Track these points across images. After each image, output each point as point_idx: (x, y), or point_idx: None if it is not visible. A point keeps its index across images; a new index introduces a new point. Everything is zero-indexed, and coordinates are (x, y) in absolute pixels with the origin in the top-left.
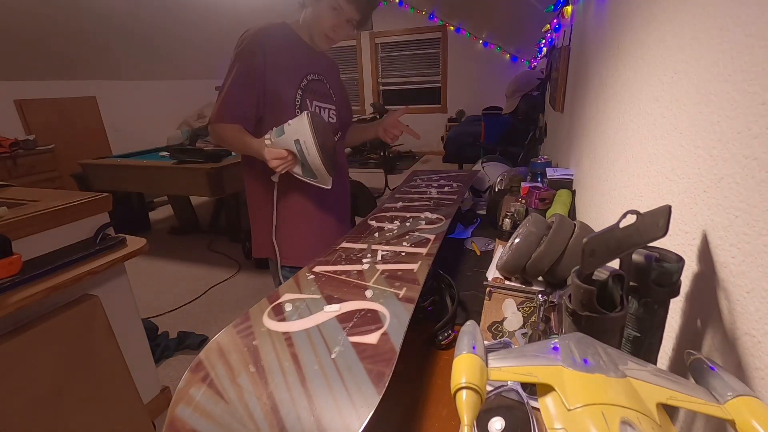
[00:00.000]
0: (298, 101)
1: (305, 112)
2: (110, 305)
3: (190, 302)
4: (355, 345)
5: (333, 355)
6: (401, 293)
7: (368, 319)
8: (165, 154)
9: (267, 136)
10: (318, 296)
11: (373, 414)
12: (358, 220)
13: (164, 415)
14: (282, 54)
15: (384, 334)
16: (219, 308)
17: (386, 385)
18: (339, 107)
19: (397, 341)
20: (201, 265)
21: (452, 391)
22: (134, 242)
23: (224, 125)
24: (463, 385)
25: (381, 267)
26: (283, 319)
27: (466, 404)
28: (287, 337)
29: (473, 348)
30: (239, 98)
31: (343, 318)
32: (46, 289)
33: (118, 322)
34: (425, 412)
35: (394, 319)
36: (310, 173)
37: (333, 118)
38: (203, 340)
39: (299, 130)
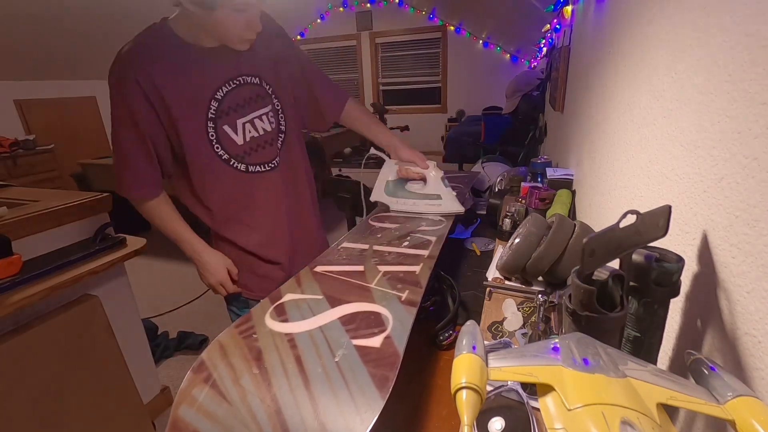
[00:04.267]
0: (212, 136)
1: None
2: (110, 305)
3: (190, 302)
4: (359, 348)
5: (336, 358)
6: (403, 296)
7: (371, 322)
8: None
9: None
10: (320, 296)
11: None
12: (358, 220)
13: (164, 415)
14: (173, 76)
15: (387, 337)
16: (219, 308)
17: (390, 389)
18: (287, 99)
19: (401, 345)
20: None
21: (452, 391)
22: (134, 242)
23: (149, 203)
24: (463, 385)
25: (383, 268)
26: (286, 320)
27: (466, 404)
28: (290, 338)
29: (473, 348)
30: (136, 160)
31: (346, 320)
32: (46, 289)
33: (118, 322)
34: (425, 412)
35: (396, 322)
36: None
37: (272, 122)
38: (203, 340)
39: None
